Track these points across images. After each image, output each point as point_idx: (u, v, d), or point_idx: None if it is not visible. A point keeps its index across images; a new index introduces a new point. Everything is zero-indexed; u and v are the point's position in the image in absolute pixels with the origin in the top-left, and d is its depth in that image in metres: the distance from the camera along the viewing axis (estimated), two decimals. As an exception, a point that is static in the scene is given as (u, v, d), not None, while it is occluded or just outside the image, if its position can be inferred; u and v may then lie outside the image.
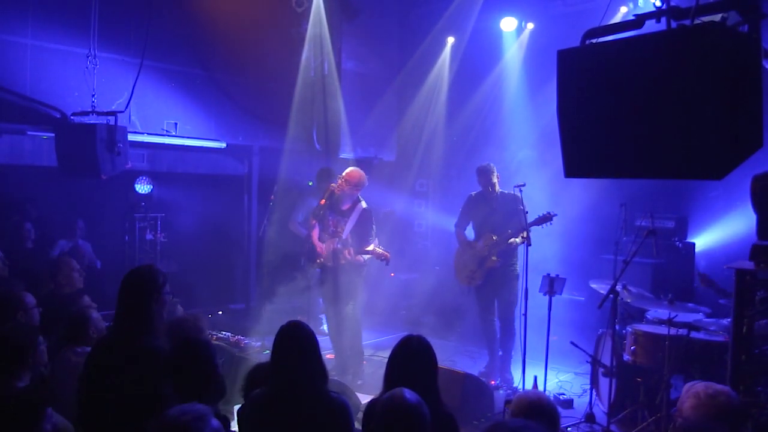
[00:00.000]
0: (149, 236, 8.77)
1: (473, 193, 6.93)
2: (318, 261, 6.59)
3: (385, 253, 6.37)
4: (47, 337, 4.29)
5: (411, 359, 3.20)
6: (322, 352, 3.20)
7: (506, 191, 6.65)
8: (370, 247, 6.37)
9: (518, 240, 6.41)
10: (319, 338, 3.30)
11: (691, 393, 2.88)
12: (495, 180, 6.63)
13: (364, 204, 6.58)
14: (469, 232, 7.04)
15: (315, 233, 6.63)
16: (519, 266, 6.67)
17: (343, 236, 6.43)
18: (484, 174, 6.66)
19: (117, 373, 3.12)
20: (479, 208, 6.79)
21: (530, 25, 8.82)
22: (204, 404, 2.48)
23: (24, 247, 7.14)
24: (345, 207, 6.53)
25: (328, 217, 6.55)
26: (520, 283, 6.43)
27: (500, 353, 6.69)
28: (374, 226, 6.58)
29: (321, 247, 6.54)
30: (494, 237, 6.54)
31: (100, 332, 4.09)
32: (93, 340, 3.98)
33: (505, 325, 6.66)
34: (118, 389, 3.09)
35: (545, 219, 6.27)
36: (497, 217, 6.58)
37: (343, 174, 6.54)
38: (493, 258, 6.56)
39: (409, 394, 2.63)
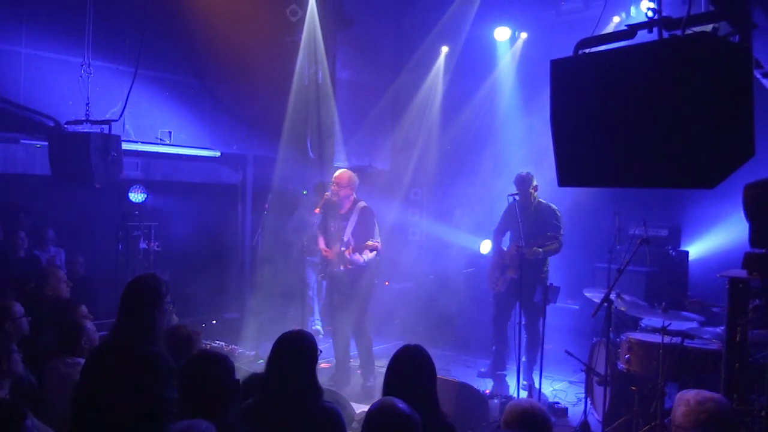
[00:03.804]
0: (143, 245, 8.72)
1: (511, 201, 6.73)
2: (325, 271, 6.68)
3: (375, 244, 6.34)
4: (34, 346, 4.28)
5: (409, 368, 3.18)
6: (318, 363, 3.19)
7: (545, 202, 6.61)
8: (369, 243, 6.34)
9: (540, 250, 6.37)
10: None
11: (681, 400, 2.90)
12: (531, 189, 6.54)
13: (362, 203, 6.58)
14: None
15: (321, 242, 6.75)
16: (546, 275, 6.60)
17: (345, 238, 6.44)
18: (520, 183, 6.57)
19: (116, 380, 3.11)
20: (514, 217, 6.60)
21: (523, 35, 8.88)
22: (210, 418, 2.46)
23: (16, 256, 7.09)
24: (343, 210, 6.57)
25: (330, 223, 6.64)
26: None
27: (523, 359, 6.61)
28: (377, 225, 6.58)
29: (328, 251, 6.61)
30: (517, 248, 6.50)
31: (92, 343, 4.07)
32: (85, 350, 3.96)
33: (531, 333, 6.58)
34: (117, 396, 3.07)
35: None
36: (529, 227, 6.45)
37: (333, 179, 6.61)
38: (511, 270, 6.57)
39: (400, 403, 2.62)
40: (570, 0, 8.05)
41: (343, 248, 6.40)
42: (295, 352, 3.10)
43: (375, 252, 6.43)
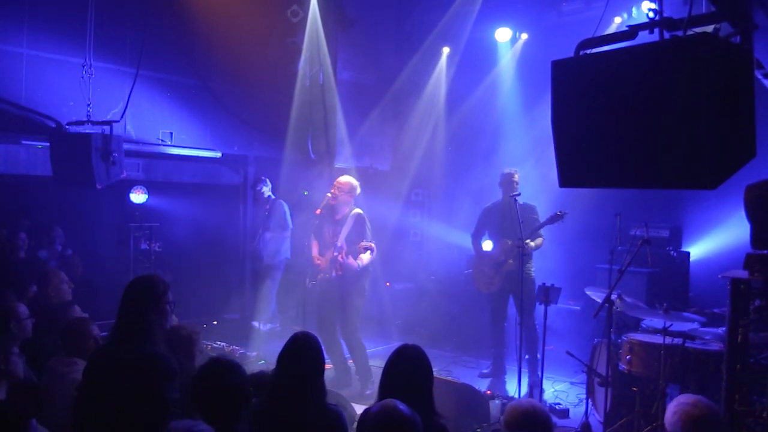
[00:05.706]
0: (144, 246, 8.72)
1: (487, 205, 7.19)
2: (318, 276, 6.57)
3: (369, 244, 6.38)
4: (36, 347, 4.28)
5: (406, 369, 3.19)
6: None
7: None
8: (363, 243, 6.35)
9: (532, 244, 6.59)
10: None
11: (672, 404, 2.91)
12: (515, 186, 6.76)
13: (358, 210, 6.57)
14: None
15: (315, 249, 6.66)
16: (534, 270, 6.84)
17: (339, 243, 6.40)
18: (503, 179, 6.93)
19: (117, 381, 3.12)
20: (494, 216, 7.02)
21: (524, 36, 8.88)
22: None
23: (16, 257, 7.09)
24: (339, 216, 6.54)
25: (324, 229, 6.60)
26: (536, 287, 6.50)
27: (527, 357, 6.69)
28: (370, 231, 6.53)
29: (320, 259, 6.56)
30: (509, 242, 6.74)
31: (93, 344, 4.07)
32: (86, 351, 3.96)
33: (528, 330, 6.65)
34: (118, 397, 3.08)
35: (557, 218, 6.43)
36: (514, 222, 6.55)
37: (335, 183, 6.58)
38: (510, 261, 6.76)
39: (402, 405, 2.61)
40: (571, 1, 8.04)
41: (335, 253, 6.37)
42: (305, 353, 3.12)
43: (369, 252, 6.39)
